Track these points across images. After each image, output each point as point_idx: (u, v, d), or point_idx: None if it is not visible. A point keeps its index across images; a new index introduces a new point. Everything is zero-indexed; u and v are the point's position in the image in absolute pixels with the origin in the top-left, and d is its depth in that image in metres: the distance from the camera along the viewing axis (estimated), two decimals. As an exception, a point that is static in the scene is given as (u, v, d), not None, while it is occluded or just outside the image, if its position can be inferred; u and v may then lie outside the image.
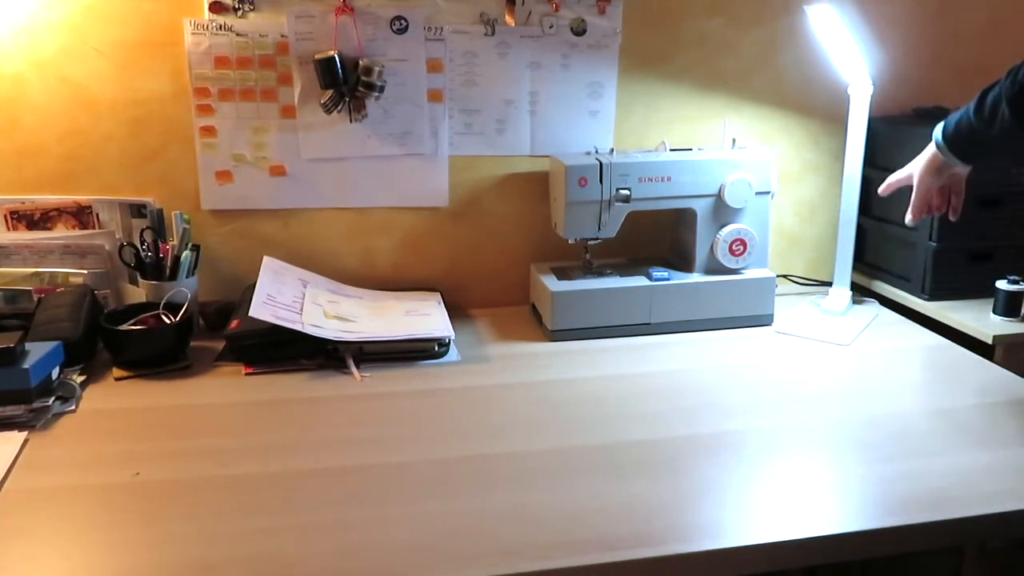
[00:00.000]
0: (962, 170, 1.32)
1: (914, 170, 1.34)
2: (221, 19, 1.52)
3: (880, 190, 1.43)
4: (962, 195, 1.35)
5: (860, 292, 1.76)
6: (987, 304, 1.54)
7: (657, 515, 0.98)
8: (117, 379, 1.36)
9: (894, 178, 1.40)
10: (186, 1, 1.50)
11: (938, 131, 1.29)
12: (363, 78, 1.54)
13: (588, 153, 1.58)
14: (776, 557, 0.94)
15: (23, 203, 1.54)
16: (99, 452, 1.13)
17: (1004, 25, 1.81)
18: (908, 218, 1.37)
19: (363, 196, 1.65)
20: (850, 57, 1.54)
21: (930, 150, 1.31)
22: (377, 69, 1.54)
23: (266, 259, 1.53)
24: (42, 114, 1.51)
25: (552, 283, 1.56)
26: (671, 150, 1.62)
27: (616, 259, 1.70)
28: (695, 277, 1.59)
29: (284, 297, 1.46)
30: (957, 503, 1.00)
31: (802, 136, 1.79)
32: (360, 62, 1.54)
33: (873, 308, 1.70)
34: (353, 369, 1.39)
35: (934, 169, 1.31)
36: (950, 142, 1.27)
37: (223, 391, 1.33)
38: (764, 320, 1.61)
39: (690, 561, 0.91)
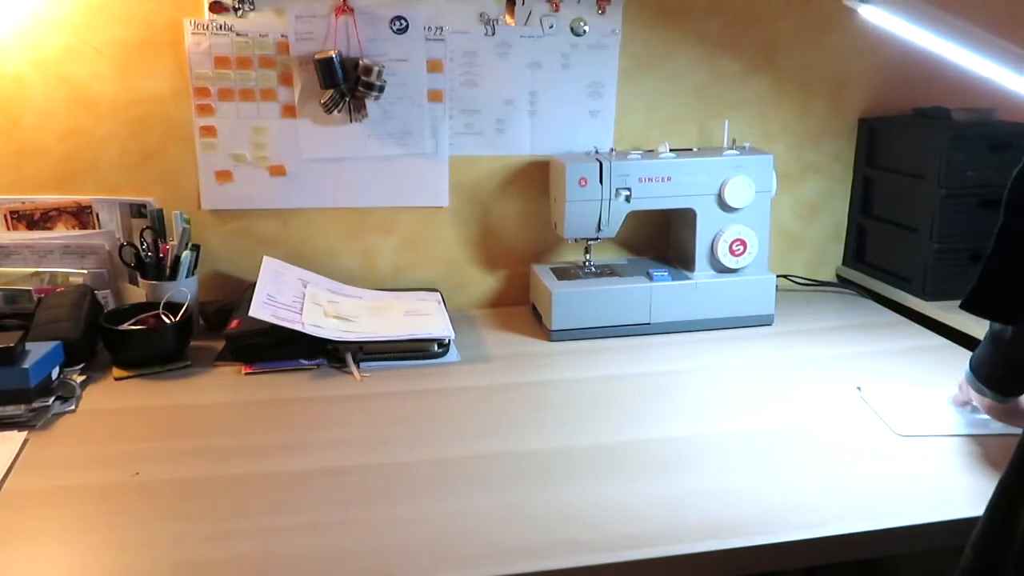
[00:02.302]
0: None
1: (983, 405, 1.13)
2: (221, 19, 1.52)
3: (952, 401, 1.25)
4: None
5: (860, 292, 1.76)
6: (987, 304, 1.53)
7: (657, 515, 0.98)
8: (117, 379, 1.35)
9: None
10: (186, 1, 1.50)
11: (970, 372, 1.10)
12: (363, 78, 1.54)
13: (588, 153, 1.58)
14: (776, 557, 0.94)
15: (23, 203, 1.54)
16: (99, 452, 1.12)
17: (1004, 25, 1.81)
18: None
19: (363, 196, 1.65)
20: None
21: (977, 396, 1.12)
22: (377, 69, 1.54)
23: (266, 259, 1.53)
24: (42, 114, 1.51)
25: (552, 283, 1.56)
26: (671, 150, 1.62)
27: (616, 259, 1.69)
28: (695, 277, 1.59)
29: (284, 297, 1.46)
30: (957, 503, 1.00)
31: (802, 136, 1.79)
32: (360, 62, 1.54)
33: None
34: (353, 369, 1.39)
35: (1004, 412, 1.10)
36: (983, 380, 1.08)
37: (223, 391, 1.33)
38: (764, 320, 1.61)
39: (690, 561, 0.91)
